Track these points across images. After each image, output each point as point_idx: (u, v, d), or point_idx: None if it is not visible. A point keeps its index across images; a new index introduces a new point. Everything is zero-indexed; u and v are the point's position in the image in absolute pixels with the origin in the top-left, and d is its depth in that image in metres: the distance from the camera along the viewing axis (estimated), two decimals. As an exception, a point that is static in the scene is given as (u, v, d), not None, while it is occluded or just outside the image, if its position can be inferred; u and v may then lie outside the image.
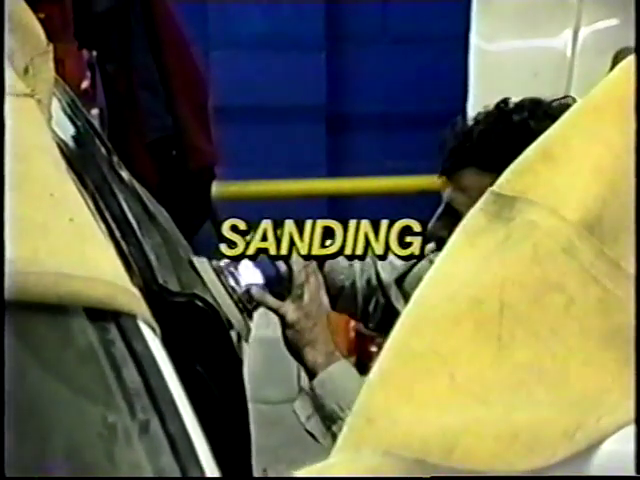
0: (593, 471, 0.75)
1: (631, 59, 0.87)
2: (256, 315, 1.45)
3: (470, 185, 1.51)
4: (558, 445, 0.73)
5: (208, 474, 0.65)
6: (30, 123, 0.81)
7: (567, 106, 1.52)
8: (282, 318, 1.45)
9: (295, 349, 1.45)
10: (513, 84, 1.56)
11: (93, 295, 0.69)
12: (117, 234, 1.11)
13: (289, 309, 1.45)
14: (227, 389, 1.28)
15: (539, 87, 1.57)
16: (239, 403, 1.33)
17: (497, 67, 2.97)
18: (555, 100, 1.53)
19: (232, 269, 1.42)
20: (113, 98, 3.02)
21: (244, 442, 1.33)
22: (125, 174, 1.39)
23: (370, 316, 1.75)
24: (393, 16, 5.27)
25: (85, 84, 3.13)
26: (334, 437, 1.38)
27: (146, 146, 2.96)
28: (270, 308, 1.46)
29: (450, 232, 1.52)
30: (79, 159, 1.14)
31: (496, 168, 1.48)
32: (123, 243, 1.11)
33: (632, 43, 0.91)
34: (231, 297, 1.39)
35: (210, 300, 1.25)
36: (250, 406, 1.38)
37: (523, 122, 1.48)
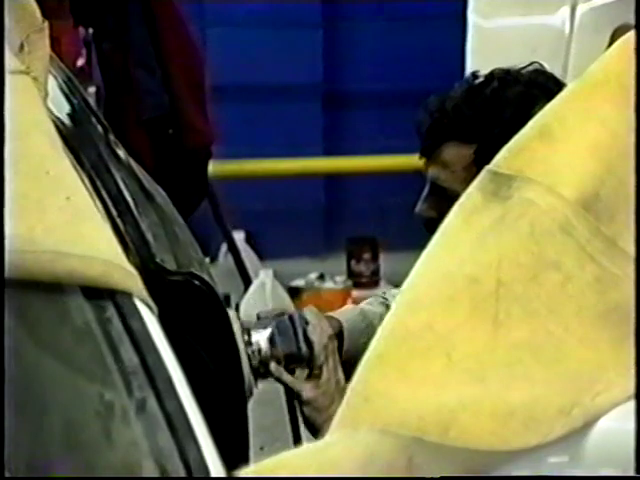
0: (589, 448, 0.75)
1: (628, 37, 0.87)
2: (251, 293, 1.45)
3: (451, 159, 1.52)
4: (554, 423, 0.73)
5: (205, 452, 0.65)
6: (26, 101, 0.81)
7: (536, 71, 1.54)
8: (298, 395, 1.46)
9: (313, 425, 1.45)
10: (511, 61, 1.55)
11: (90, 273, 0.69)
12: (114, 213, 1.11)
13: (306, 387, 1.45)
14: (224, 367, 1.28)
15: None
16: (236, 381, 1.34)
17: (494, 44, 2.96)
18: (522, 68, 1.55)
19: (258, 336, 1.42)
20: (109, 76, 3.01)
21: (241, 420, 1.33)
22: (122, 152, 1.38)
23: None
24: (390, -7, 5.25)
25: (81, 62, 3.11)
26: None
27: (142, 124, 2.95)
28: (286, 384, 1.46)
29: (438, 212, 1.53)
30: (75, 137, 1.14)
31: (474, 139, 1.50)
32: (120, 222, 1.11)
33: (630, 20, 0.90)
34: (249, 357, 1.40)
35: (207, 278, 1.25)
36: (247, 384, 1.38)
37: (494, 91, 1.50)
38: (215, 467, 0.66)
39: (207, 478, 0.65)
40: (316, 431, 1.45)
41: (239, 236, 4.65)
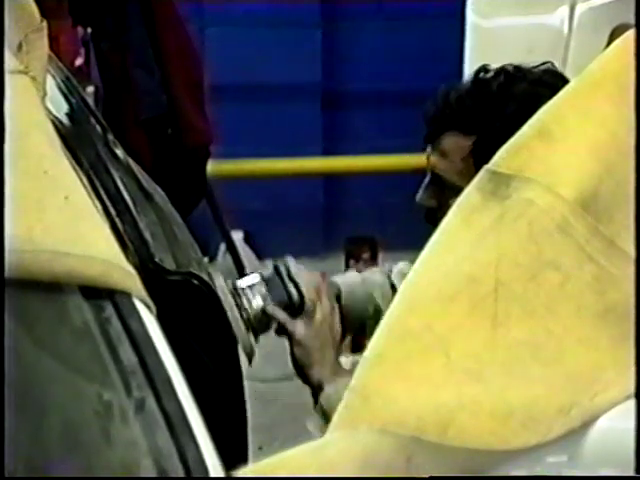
0: (588, 448, 0.75)
1: (627, 36, 0.87)
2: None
3: (450, 149, 1.53)
4: (553, 422, 0.73)
5: (204, 452, 0.65)
6: (24, 100, 0.81)
7: (547, 71, 1.54)
8: (290, 336, 1.46)
9: (301, 365, 1.45)
10: (509, 61, 1.55)
11: (88, 273, 0.69)
12: (112, 212, 1.11)
13: (299, 326, 1.45)
14: (223, 367, 1.28)
15: (536, 64, 1.57)
16: (235, 381, 1.34)
17: (493, 44, 2.96)
18: (535, 67, 1.55)
19: (246, 289, 1.43)
20: (108, 76, 3.01)
21: (240, 420, 1.33)
22: (120, 152, 1.38)
23: None
24: (389, -7, 5.25)
25: (79, 61, 3.12)
26: None
27: (141, 124, 2.96)
28: (280, 326, 1.46)
29: (438, 201, 1.53)
30: (74, 137, 1.14)
31: (475, 130, 1.50)
32: (118, 221, 1.11)
33: (629, 20, 0.90)
34: (242, 317, 1.40)
35: (206, 278, 1.25)
36: (246, 384, 1.38)
37: (500, 85, 1.50)
38: (214, 467, 0.66)
39: (206, 478, 0.65)
40: (302, 372, 1.45)
41: (238, 236, 4.64)
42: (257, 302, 1.43)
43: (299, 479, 0.69)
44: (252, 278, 1.47)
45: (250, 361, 1.41)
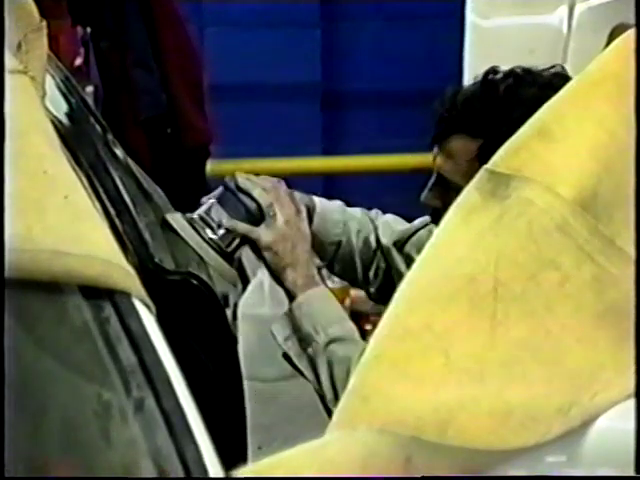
0: (587, 447, 0.75)
1: (626, 36, 0.87)
2: (250, 293, 1.45)
3: (457, 151, 1.52)
4: (553, 422, 0.73)
5: (203, 451, 0.65)
6: (24, 100, 0.81)
7: (557, 75, 1.53)
8: (257, 242, 1.44)
9: (275, 271, 1.45)
10: (509, 61, 1.55)
11: (88, 273, 0.69)
12: (112, 212, 1.11)
13: (262, 232, 1.44)
14: (222, 367, 1.28)
15: (535, 64, 1.57)
16: (234, 381, 1.34)
17: (493, 44, 2.96)
18: (545, 70, 1.54)
19: (204, 216, 1.41)
20: (107, 75, 3.01)
21: (239, 420, 1.33)
22: (120, 152, 1.38)
23: (371, 282, 1.75)
24: (388, -7, 5.25)
25: (79, 61, 3.11)
26: (310, 359, 1.39)
27: (140, 124, 2.95)
28: (244, 237, 1.44)
29: (443, 201, 1.53)
30: (73, 137, 1.14)
31: (482, 134, 1.49)
32: (118, 221, 1.11)
33: (628, 20, 0.90)
34: (209, 245, 1.38)
35: (205, 278, 1.25)
36: (245, 384, 1.38)
37: (508, 89, 1.49)
38: (213, 466, 0.66)
39: (205, 478, 0.65)
40: (280, 281, 1.45)
41: (237, 235, 4.64)
42: (217, 224, 1.41)
43: (298, 479, 0.69)
44: (206, 204, 1.45)
45: (235, 285, 1.40)
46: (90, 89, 3.02)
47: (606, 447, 0.75)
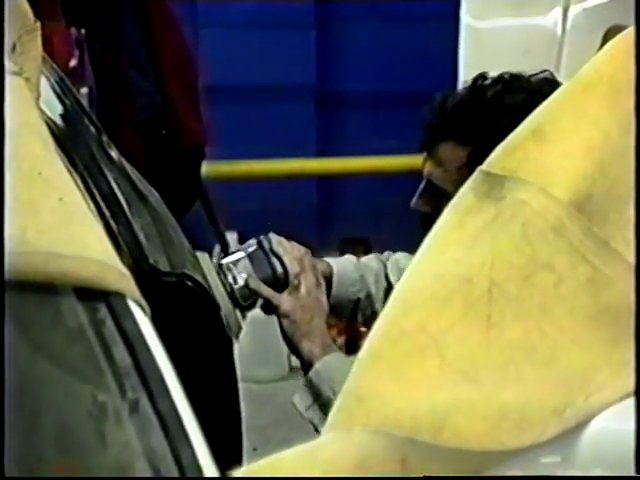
0: (582, 449, 0.75)
1: (620, 37, 0.87)
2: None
3: (446, 158, 1.52)
4: (547, 423, 0.73)
5: (198, 453, 0.65)
6: (18, 102, 0.81)
7: (546, 80, 1.52)
8: (277, 308, 1.46)
9: (291, 340, 1.45)
10: (503, 62, 1.55)
11: (83, 274, 0.69)
12: (106, 214, 1.11)
13: (284, 299, 1.45)
14: (217, 368, 1.28)
15: (529, 65, 1.57)
16: (229, 382, 1.34)
17: (487, 45, 2.97)
18: (534, 75, 1.53)
19: (231, 266, 1.43)
20: (102, 77, 3.01)
21: (234, 421, 1.33)
22: (114, 153, 1.38)
23: None
24: (383, -6, 5.25)
25: (73, 62, 3.11)
26: None
27: (135, 125, 2.95)
28: (266, 300, 1.46)
29: (432, 207, 1.53)
30: (68, 138, 1.14)
31: (471, 141, 1.49)
32: (112, 223, 1.11)
33: (622, 21, 0.91)
34: (227, 293, 1.40)
35: (200, 280, 1.25)
36: (240, 385, 1.38)
37: (496, 95, 1.49)
38: (208, 468, 0.66)
39: (200, 478, 0.65)
40: (294, 347, 1.46)
41: (232, 237, 4.64)
42: (241, 278, 1.43)
43: (294, 479, 0.69)
44: (236, 255, 1.47)
45: (237, 337, 1.41)
46: (85, 90, 3.02)
47: (601, 448, 0.76)
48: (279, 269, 1.46)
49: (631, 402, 0.74)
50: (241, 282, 1.43)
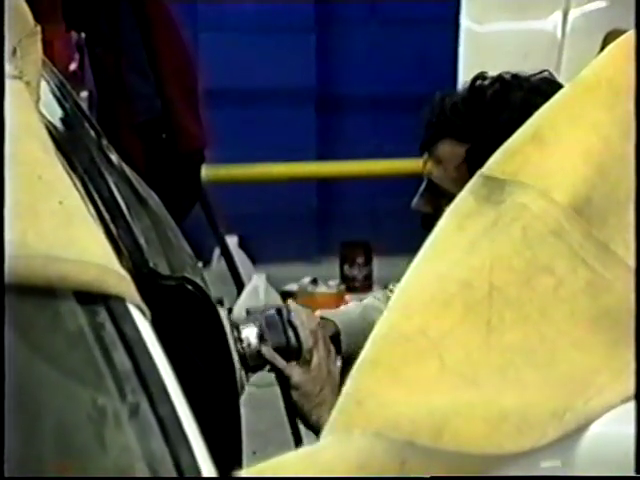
0: (581, 452, 0.75)
1: (620, 41, 0.87)
2: (244, 298, 1.46)
3: (445, 156, 1.53)
4: (547, 426, 0.73)
5: (198, 456, 0.65)
6: (18, 105, 0.81)
7: (545, 80, 1.53)
8: (287, 379, 1.46)
9: (299, 409, 1.45)
10: (503, 66, 1.55)
11: (82, 278, 0.69)
12: (106, 217, 1.11)
13: (295, 371, 1.45)
14: (217, 372, 1.28)
15: (529, 69, 1.57)
16: (229, 386, 1.34)
17: (487, 49, 2.97)
18: (534, 75, 1.54)
19: (247, 329, 1.44)
20: (102, 80, 3.01)
21: (234, 425, 1.33)
22: (114, 157, 1.38)
23: None
24: (383, -2, 5.26)
25: (73, 66, 3.12)
26: None
27: (135, 128, 2.95)
28: (277, 369, 1.46)
29: (433, 207, 1.53)
30: (68, 142, 1.14)
31: (469, 138, 1.49)
32: (112, 226, 1.11)
33: (622, 25, 0.91)
34: (238, 353, 1.41)
35: (200, 283, 1.25)
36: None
37: (495, 93, 1.50)
38: (208, 471, 0.66)
39: (200, 478, 0.65)
40: (304, 418, 1.46)
41: (232, 240, 4.64)
42: (255, 342, 1.44)
43: (293, 479, 0.69)
44: (253, 317, 1.47)
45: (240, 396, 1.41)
46: (85, 94, 3.02)
47: (600, 452, 0.75)
48: (293, 341, 1.46)
49: (631, 405, 0.74)
50: (253, 346, 1.44)
